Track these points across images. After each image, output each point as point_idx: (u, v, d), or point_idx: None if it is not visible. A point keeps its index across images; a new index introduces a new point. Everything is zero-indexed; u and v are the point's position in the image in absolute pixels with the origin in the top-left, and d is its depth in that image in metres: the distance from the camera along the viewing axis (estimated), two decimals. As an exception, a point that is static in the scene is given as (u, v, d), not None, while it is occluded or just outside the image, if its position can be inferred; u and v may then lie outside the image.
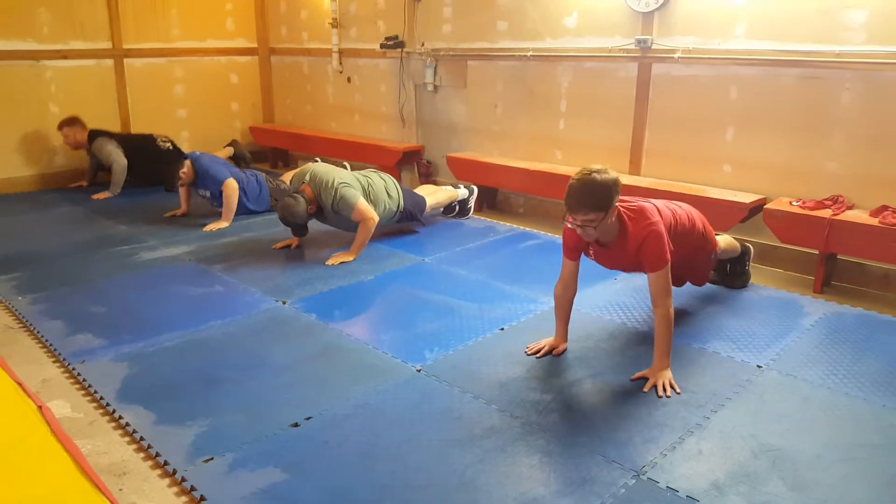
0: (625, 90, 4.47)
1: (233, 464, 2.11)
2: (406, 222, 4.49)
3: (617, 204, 2.51)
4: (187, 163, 4.75)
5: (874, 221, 3.35)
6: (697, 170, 4.20)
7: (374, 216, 3.98)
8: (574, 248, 2.73)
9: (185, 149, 6.17)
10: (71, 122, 5.65)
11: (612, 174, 2.46)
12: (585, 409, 2.42)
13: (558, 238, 4.43)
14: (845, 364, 2.73)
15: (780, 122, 3.83)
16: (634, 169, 4.52)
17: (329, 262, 3.90)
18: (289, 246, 4.23)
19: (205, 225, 4.68)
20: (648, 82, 4.36)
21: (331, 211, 3.98)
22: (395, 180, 4.37)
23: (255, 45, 7.14)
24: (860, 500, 1.94)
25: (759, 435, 2.24)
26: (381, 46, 5.83)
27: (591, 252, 2.73)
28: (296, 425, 2.30)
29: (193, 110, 6.80)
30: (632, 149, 4.52)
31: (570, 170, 4.64)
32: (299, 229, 4.14)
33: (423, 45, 5.62)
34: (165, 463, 2.11)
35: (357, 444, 2.20)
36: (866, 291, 3.56)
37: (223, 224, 4.69)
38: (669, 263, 2.57)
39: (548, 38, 4.81)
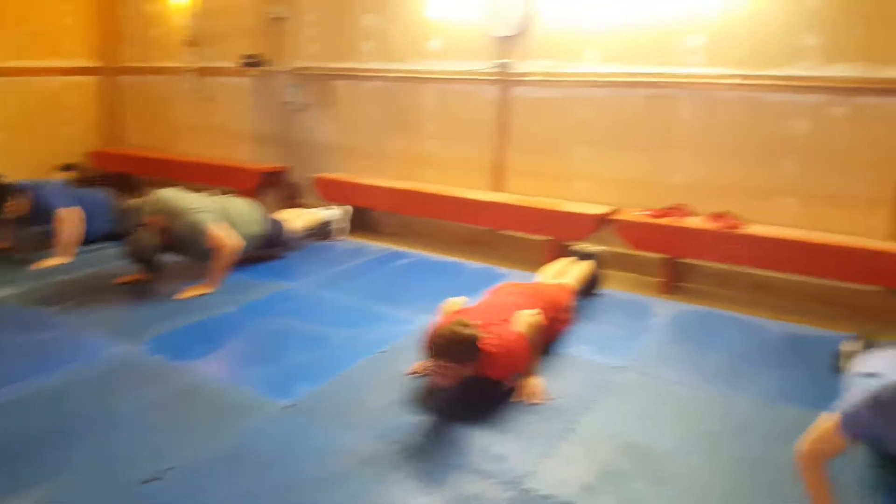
0: (487, 111, 4.63)
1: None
2: (270, 249, 4.30)
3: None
4: (20, 193, 4.19)
5: (713, 226, 3.68)
6: (555, 185, 4.42)
7: (232, 242, 3.74)
8: None
9: (14, 175, 5.58)
10: None
11: (471, 332, 2.51)
12: (462, 426, 2.46)
13: (431, 256, 4.51)
14: (692, 359, 2.98)
15: (630, 138, 4.12)
16: (498, 186, 4.69)
17: (182, 296, 3.60)
18: (136, 280, 3.85)
19: (35, 262, 4.15)
20: (509, 103, 4.54)
21: (186, 240, 3.70)
22: (255, 203, 4.20)
23: (95, 64, 6.65)
24: (712, 487, 2.11)
25: (622, 434, 2.39)
26: (243, 65, 5.64)
27: None
28: (153, 480, 2.10)
29: (14, 134, 6.04)
30: (495, 167, 4.68)
31: (440, 189, 4.75)
32: (150, 266, 3.78)
33: (287, 64, 5.51)
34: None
35: (225, 493, 2.05)
36: (708, 290, 3.89)
37: (63, 259, 4.18)
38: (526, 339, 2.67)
39: (413, 60, 4.90)
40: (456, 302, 2.91)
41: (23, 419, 2.45)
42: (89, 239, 4.45)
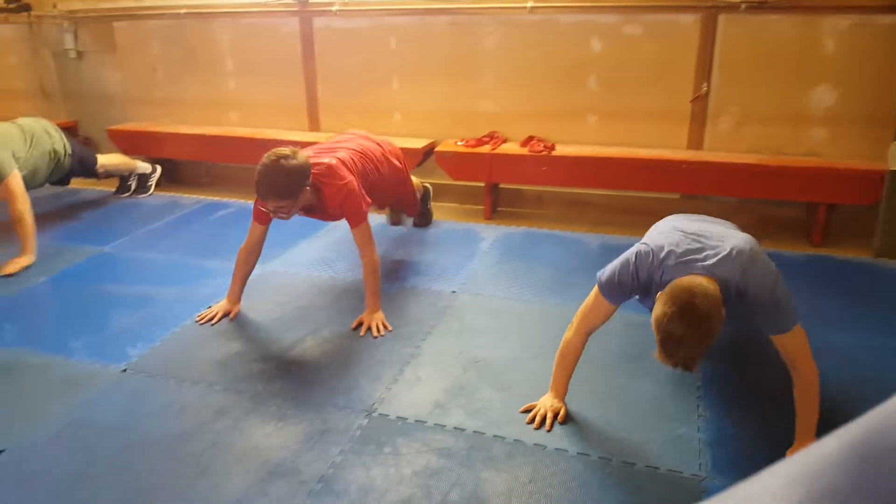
0: (290, 45, 4.46)
1: None
2: (79, 175, 4.05)
3: (308, 180, 2.56)
4: None
5: (525, 151, 3.91)
6: (372, 121, 4.40)
7: (26, 200, 3.40)
8: (265, 217, 2.75)
9: None
10: None
11: (301, 158, 2.51)
12: (310, 366, 2.49)
13: (251, 204, 4.33)
14: (520, 276, 3.19)
15: (439, 68, 4.19)
16: (314, 125, 4.59)
17: (5, 272, 3.27)
18: None
19: None
20: (312, 36, 4.40)
21: None
22: (51, 123, 3.92)
23: None
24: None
25: (465, 351, 2.54)
26: (3, 10, 4.95)
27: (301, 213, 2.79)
28: (-15, 465, 1.98)
29: None
30: (308, 106, 4.56)
31: (251, 132, 4.57)
32: None
33: (55, 6, 4.91)
34: None
35: (69, 465, 1.98)
36: (526, 212, 4.16)
37: None
38: (366, 217, 2.73)
39: (201, -7, 4.56)
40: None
41: None
42: None
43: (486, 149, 3.97)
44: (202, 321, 2.78)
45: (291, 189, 2.50)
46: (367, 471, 1.93)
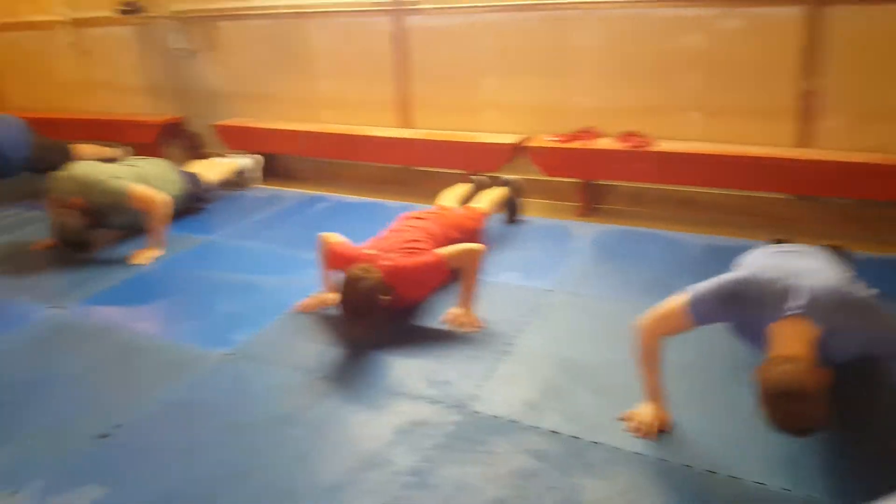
0: (383, 44, 4.50)
1: (44, 490, 1.91)
2: (190, 205, 4.16)
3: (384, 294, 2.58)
4: None
5: (621, 146, 3.80)
6: (465, 117, 4.41)
7: (158, 196, 3.57)
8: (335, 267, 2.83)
9: None
10: None
11: (374, 276, 2.52)
12: (403, 358, 2.51)
13: (348, 198, 4.45)
14: (617, 275, 3.11)
15: (532, 64, 4.13)
16: (407, 122, 4.62)
17: (136, 261, 3.46)
18: (52, 245, 3.69)
19: None
20: (404, 34, 4.44)
21: (110, 210, 3.54)
22: (167, 163, 4.06)
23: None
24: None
25: (558, 352, 2.49)
26: (120, 13, 5.25)
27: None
28: (104, 436, 2.11)
29: None
30: (400, 102, 4.61)
31: (345, 128, 4.64)
32: (82, 246, 3.55)
33: (167, 8, 5.17)
34: (-41, 509, 1.84)
35: (175, 442, 2.09)
36: (623, 209, 4.04)
37: None
38: (437, 255, 2.72)
39: (298, -8, 4.68)
40: (332, 235, 2.92)
41: None
42: (6, 174, 4.39)
43: (579, 144, 3.89)
44: (301, 310, 2.86)
45: (372, 310, 2.53)
46: (461, 467, 1.92)
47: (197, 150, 5.37)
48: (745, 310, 1.87)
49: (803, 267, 1.92)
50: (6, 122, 4.50)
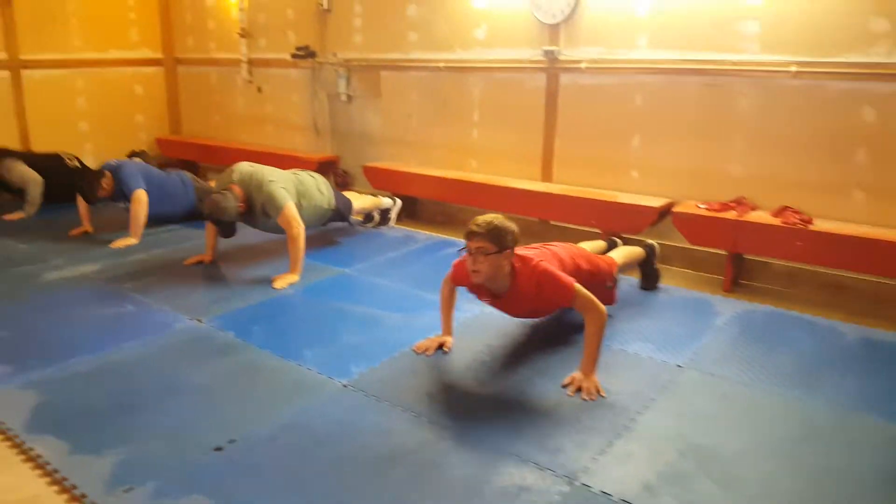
0: (534, 99, 4.55)
1: (155, 493, 1.98)
2: (336, 222, 4.46)
3: (513, 249, 2.59)
4: (107, 174, 4.50)
5: (777, 221, 3.54)
6: (607, 175, 4.32)
7: (301, 225, 3.77)
8: (458, 283, 2.84)
9: (90, 163, 5.85)
10: None
11: (514, 226, 2.58)
12: (515, 415, 2.41)
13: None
14: (759, 360, 2.85)
15: (684, 127, 3.99)
16: (546, 176, 4.60)
17: (277, 286, 3.64)
18: (201, 262, 4.03)
19: (112, 241, 4.42)
20: (557, 92, 4.45)
21: (260, 212, 3.80)
22: (324, 179, 4.30)
23: (160, 55, 6.87)
24: (788, 494, 2.00)
25: (685, 434, 2.30)
26: (293, 56, 5.70)
27: (488, 302, 2.80)
28: (219, 449, 2.19)
29: (96, 123, 6.46)
30: (543, 156, 4.60)
31: (486, 178, 4.71)
32: (227, 228, 3.83)
33: (334, 55, 5.54)
34: (83, 496, 1.96)
35: (285, 465, 2.12)
36: (773, 289, 3.74)
37: (132, 240, 4.43)
38: (574, 282, 2.63)
39: (458, 49, 4.85)
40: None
41: (102, 386, 2.60)
42: (170, 219, 4.77)
43: (731, 214, 3.67)
44: (419, 351, 2.86)
45: (501, 239, 2.54)
46: (564, 541, 1.79)
47: (346, 187, 5.64)
48: None
49: None
50: (177, 180, 4.89)
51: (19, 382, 2.61)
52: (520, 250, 2.73)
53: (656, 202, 3.96)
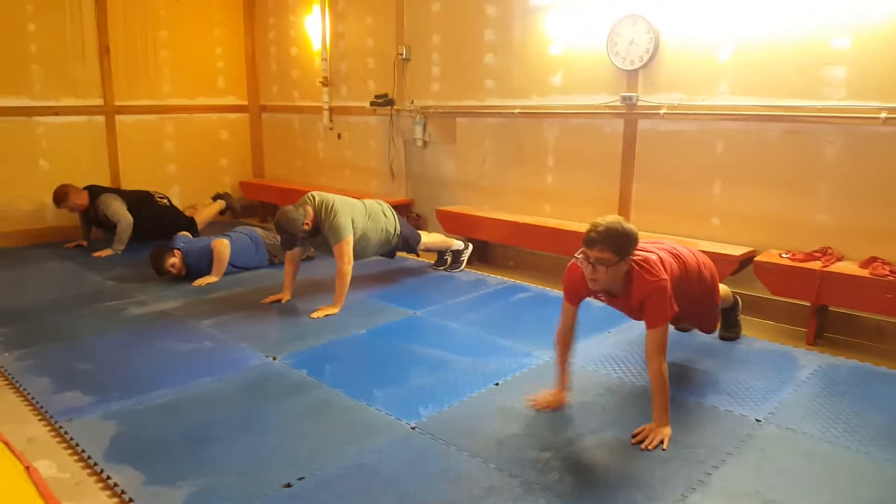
0: (611, 145, 4.54)
1: (223, 528, 2.03)
2: (402, 250, 4.61)
3: (633, 253, 2.53)
4: (177, 253, 4.68)
5: (864, 273, 3.38)
6: (686, 222, 4.24)
7: (351, 262, 4.00)
8: (576, 294, 2.73)
9: (177, 203, 6.20)
10: (63, 195, 5.48)
11: (635, 228, 2.51)
12: (586, 466, 2.37)
13: (550, 291, 4.44)
14: (844, 417, 2.70)
15: (767, 175, 3.89)
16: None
17: (314, 316, 3.89)
18: (279, 301, 4.18)
19: (194, 280, 4.64)
20: (634, 137, 4.43)
21: (324, 235, 4.03)
22: (389, 205, 4.51)
23: (245, 102, 7.25)
24: (870, 559, 1.89)
25: (762, 491, 2.20)
26: (371, 104, 5.92)
27: (604, 300, 2.74)
28: (288, 486, 2.23)
29: (183, 166, 6.85)
30: (620, 201, 4.56)
31: (559, 223, 4.70)
32: (290, 241, 3.96)
33: (412, 102, 5.71)
34: (155, 526, 2.03)
35: (352, 506, 2.13)
36: (859, 343, 3.56)
37: (213, 279, 4.65)
38: (668, 323, 2.57)
39: (534, 96, 4.91)
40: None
41: (178, 420, 2.70)
42: (229, 270, 4.89)
43: (816, 265, 3.53)
44: (539, 408, 2.76)
45: (621, 247, 2.45)
46: None
47: (419, 229, 5.73)
48: None
49: None
50: (247, 239, 5.03)
51: (101, 413, 2.74)
52: (647, 244, 2.69)
53: (737, 250, 3.85)
